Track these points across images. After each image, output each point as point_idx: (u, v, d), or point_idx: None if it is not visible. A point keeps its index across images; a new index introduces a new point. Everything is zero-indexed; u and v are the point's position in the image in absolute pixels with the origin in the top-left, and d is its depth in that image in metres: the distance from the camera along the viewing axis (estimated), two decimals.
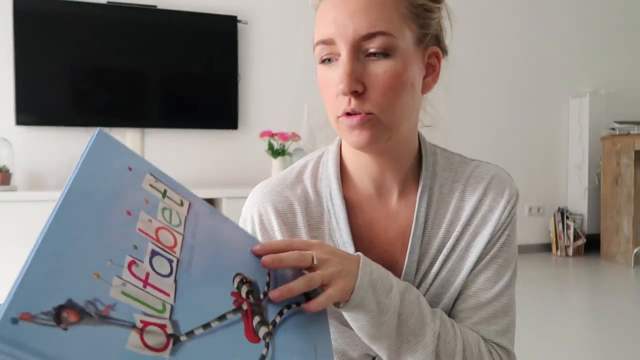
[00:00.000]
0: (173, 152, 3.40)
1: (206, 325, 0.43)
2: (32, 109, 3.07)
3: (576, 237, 4.21)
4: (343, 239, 0.69)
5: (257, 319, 0.48)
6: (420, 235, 0.70)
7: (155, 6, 3.30)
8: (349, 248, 0.69)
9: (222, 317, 0.45)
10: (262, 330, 0.48)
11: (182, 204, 0.51)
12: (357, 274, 0.57)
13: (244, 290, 0.49)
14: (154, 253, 0.44)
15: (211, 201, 3.20)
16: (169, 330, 0.40)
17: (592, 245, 4.21)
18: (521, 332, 0.75)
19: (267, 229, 0.71)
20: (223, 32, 3.45)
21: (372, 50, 0.60)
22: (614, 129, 4.03)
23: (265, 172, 3.37)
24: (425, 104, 0.75)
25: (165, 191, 0.50)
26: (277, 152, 3.23)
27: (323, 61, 0.63)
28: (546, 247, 4.42)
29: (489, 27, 4.22)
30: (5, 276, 2.99)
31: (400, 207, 0.72)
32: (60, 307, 0.34)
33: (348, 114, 0.62)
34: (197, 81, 3.41)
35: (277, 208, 0.71)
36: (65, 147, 3.19)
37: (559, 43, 4.43)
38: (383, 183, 0.71)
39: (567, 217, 4.26)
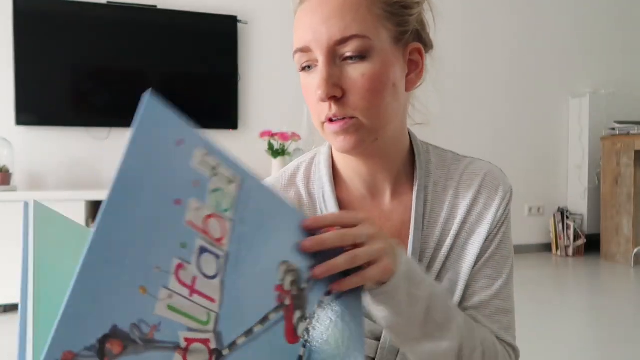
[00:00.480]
0: None
1: (249, 332, 0.42)
2: (32, 109, 3.07)
3: (576, 237, 4.21)
4: None
5: (297, 314, 0.46)
6: (420, 236, 0.70)
7: (156, 6, 3.30)
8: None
9: (264, 319, 0.43)
10: (302, 327, 0.46)
11: (232, 181, 0.44)
12: (398, 257, 0.55)
13: (288, 280, 0.46)
14: (202, 250, 0.40)
15: None
16: (212, 345, 0.39)
17: (592, 245, 4.21)
18: (521, 332, 0.75)
19: None
20: (223, 32, 3.45)
21: (347, 54, 0.60)
22: (614, 129, 4.03)
23: (266, 172, 3.37)
24: (414, 100, 0.74)
25: (215, 167, 0.43)
26: (277, 152, 3.23)
27: (303, 69, 0.64)
28: (546, 247, 4.42)
29: (488, 27, 4.22)
30: (5, 276, 2.99)
31: (394, 207, 0.71)
32: (105, 337, 0.32)
33: (331, 120, 0.62)
34: (197, 81, 3.41)
35: None
36: (65, 147, 3.19)
37: (559, 43, 4.43)
38: (375, 183, 0.71)
39: (567, 217, 4.26)
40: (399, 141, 0.70)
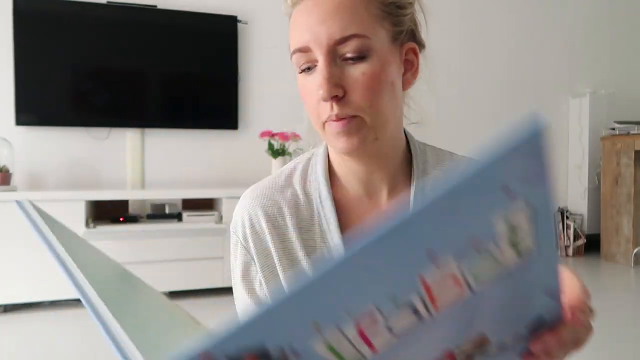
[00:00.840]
0: (173, 152, 3.40)
1: None
2: (32, 109, 3.07)
3: (576, 237, 4.21)
4: (334, 241, 0.70)
5: None
6: None
7: (156, 6, 3.30)
8: (341, 250, 0.68)
9: None
10: None
11: (520, 256, 0.35)
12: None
13: (470, 351, 0.39)
14: (409, 308, 0.33)
15: (211, 201, 3.20)
16: None
17: (592, 245, 4.21)
18: None
19: (257, 232, 0.71)
20: (223, 32, 3.45)
21: (348, 54, 0.61)
22: (614, 129, 4.03)
23: (265, 172, 3.37)
24: (409, 100, 0.75)
25: (517, 232, 0.34)
26: (277, 152, 3.23)
27: (302, 70, 0.64)
28: None
29: (486, 26, 4.22)
30: (5, 276, 2.99)
31: (390, 207, 0.72)
32: (250, 350, 0.30)
33: (333, 120, 0.62)
34: (197, 81, 3.41)
35: (267, 212, 0.71)
36: (65, 147, 3.19)
37: (559, 42, 4.43)
38: (371, 183, 0.71)
39: (567, 217, 4.26)
40: (396, 140, 0.71)
